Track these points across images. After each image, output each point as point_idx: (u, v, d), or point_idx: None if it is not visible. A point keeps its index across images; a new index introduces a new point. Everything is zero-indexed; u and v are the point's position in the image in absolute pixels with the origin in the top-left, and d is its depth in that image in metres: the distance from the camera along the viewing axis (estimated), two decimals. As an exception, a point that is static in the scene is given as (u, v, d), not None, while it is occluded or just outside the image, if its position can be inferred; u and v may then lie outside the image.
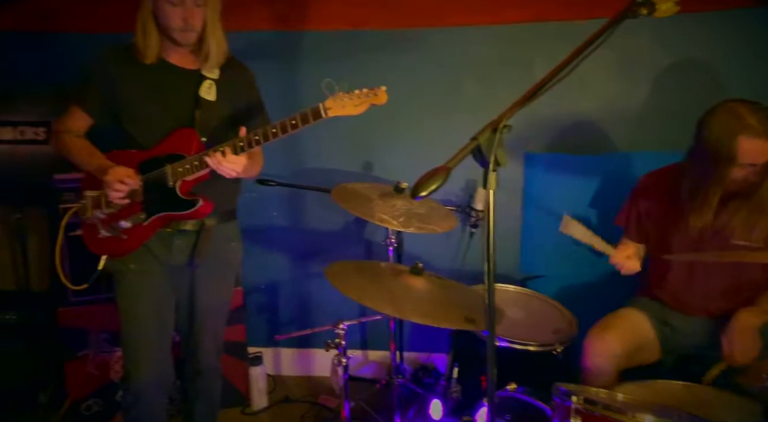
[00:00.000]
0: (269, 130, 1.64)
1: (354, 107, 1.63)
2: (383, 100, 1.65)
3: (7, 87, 2.74)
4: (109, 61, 1.76)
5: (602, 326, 1.96)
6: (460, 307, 1.73)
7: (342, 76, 1.63)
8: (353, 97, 1.62)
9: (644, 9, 1.10)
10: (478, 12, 2.51)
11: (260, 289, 2.92)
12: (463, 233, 2.67)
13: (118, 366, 2.41)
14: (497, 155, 1.11)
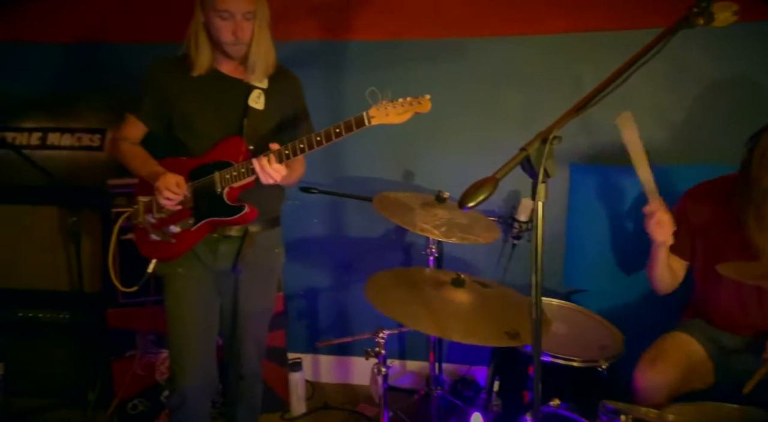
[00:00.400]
0: (313, 138, 1.66)
1: (397, 115, 1.63)
2: (427, 108, 1.64)
3: (66, 96, 2.88)
4: (162, 72, 1.82)
5: (653, 355, 1.89)
6: (502, 321, 1.70)
7: (385, 85, 1.63)
8: (397, 106, 1.63)
9: (701, 19, 1.07)
10: (521, 22, 2.50)
11: (300, 295, 2.95)
12: (506, 244, 2.64)
13: (163, 367, 2.47)
14: (546, 166, 1.09)
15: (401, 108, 1.63)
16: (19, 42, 2.84)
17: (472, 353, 2.75)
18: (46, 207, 2.66)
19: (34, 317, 2.66)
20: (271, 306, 2.07)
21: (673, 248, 2.03)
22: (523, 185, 2.52)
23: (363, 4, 2.51)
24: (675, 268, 2.04)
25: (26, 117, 2.77)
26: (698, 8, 1.06)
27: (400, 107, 1.63)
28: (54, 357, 2.67)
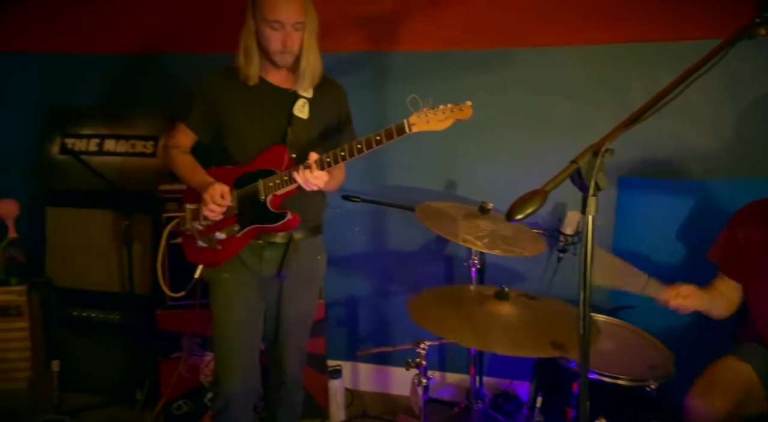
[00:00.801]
0: (354, 146, 1.67)
1: (438, 122, 1.62)
2: (468, 115, 1.62)
3: (122, 104, 3.01)
4: (213, 82, 1.87)
5: (705, 383, 1.82)
6: (547, 332, 1.67)
7: (430, 95, 1.63)
8: (438, 113, 1.61)
9: (763, 29, 1.04)
10: (569, 32, 2.46)
11: (340, 303, 2.96)
12: (550, 257, 2.59)
13: (207, 369, 2.53)
14: (597, 179, 1.07)
15: (442, 115, 1.61)
16: (79, 54, 2.98)
17: (513, 367, 2.70)
18: (102, 211, 2.78)
19: (88, 316, 2.78)
20: (313, 313, 2.10)
21: (725, 270, 1.96)
22: (569, 198, 2.48)
23: (410, 16, 2.53)
24: (728, 293, 1.97)
25: (85, 124, 2.90)
26: (761, 18, 1.03)
27: (441, 113, 1.61)
28: (105, 356, 2.78)
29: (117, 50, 2.95)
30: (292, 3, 1.71)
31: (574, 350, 1.58)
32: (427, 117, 1.61)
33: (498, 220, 2.18)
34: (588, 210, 1.09)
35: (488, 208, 2.17)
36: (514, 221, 1.06)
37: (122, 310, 2.74)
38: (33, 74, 3.04)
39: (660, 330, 2.22)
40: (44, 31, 2.90)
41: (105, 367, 2.78)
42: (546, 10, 2.44)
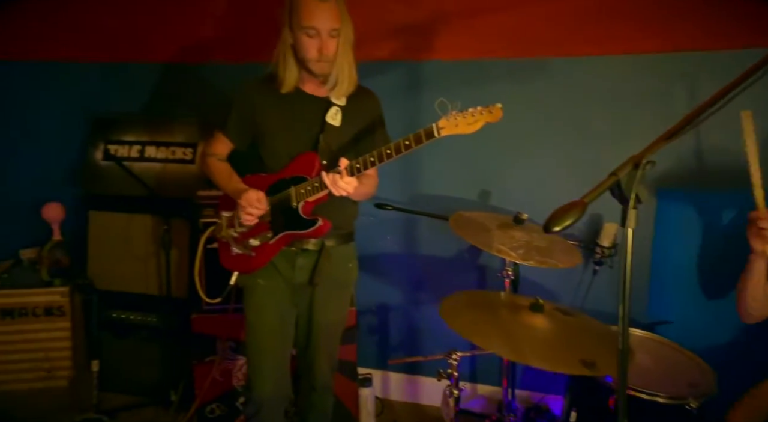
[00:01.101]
0: (383, 151, 1.67)
1: (467, 125, 1.59)
2: (498, 117, 1.59)
3: (162, 112, 3.09)
4: (248, 91, 1.90)
5: (746, 407, 1.76)
6: (579, 349, 1.64)
7: (464, 103, 1.62)
8: (467, 116, 1.59)
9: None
10: (608, 42, 2.42)
11: (372, 311, 2.97)
12: (586, 269, 2.54)
13: (240, 373, 2.56)
14: (638, 191, 1.05)
15: (471, 118, 1.59)
16: (122, 63, 3.08)
17: (546, 380, 2.66)
18: (142, 216, 2.85)
19: (126, 318, 2.85)
20: (344, 320, 2.11)
21: None
22: (605, 209, 2.43)
23: (445, 25, 2.53)
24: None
25: (128, 131, 2.99)
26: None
27: (470, 116, 1.59)
28: (142, 358, 2.84)
29: (158, 59, 3.04)
30: (327, 10, 1.73)
31: (605, 368, 1.55)
32: (456, 120, 1.59)
33: (533, 231, 2.15)
34: (628, 223, 1.07)
35: (523, 218, 2.15)
36: (552, 233, 1.04)
37: (159, 313, 2.80)
38: (78, 83, 3.15)
39: (701, 346, 2.16)
40: (89, 41, 3.01)
41: (142, 368, 2.85)
42: (584, 19, 2.40)
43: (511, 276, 2.30)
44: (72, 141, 3.15)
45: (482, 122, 1.59)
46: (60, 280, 2.93)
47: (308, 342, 2.02)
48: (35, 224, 3.05)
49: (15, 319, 2.87)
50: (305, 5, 1.72)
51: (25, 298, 2.88)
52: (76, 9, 2.83)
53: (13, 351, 2.89)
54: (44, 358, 2.91)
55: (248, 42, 2.82)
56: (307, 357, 2.04)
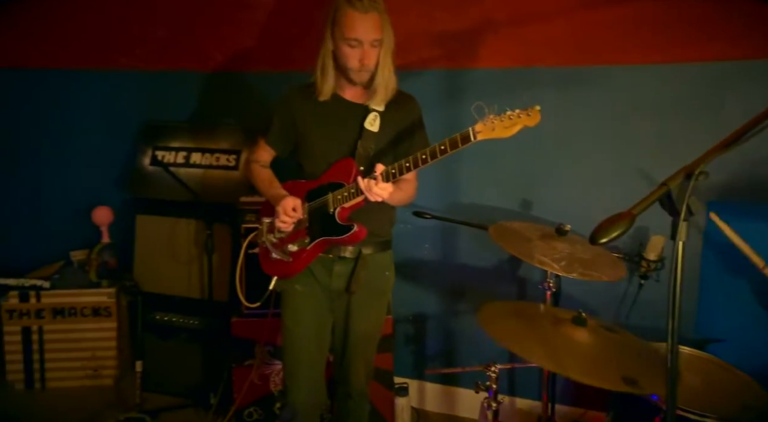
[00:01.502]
0: (419, 156, 1.65)
1: (504, 128, 1.54)
2: (536, 121, 1.53)
3: (207, 119, 3.17)
4: (289, 99, 1.93)
5: None
6: (621, 365, 1.59)
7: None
8: (504, 119, 1.54)
9: None
10: (660, 50, 2.35)
11: (408, 320, 2.95)
12: (630, 283, 2.47)
13: (277, 378, 2.58)
14: (690, 203, 1.02)
15: (509, 121, 1.53)
16: (170, 71, 3.18)
17: (588, 396, 2.58)
18: (186, 220, 2.93)
19: (169, 320, 2.92)
20: (380, 328, 2.10)
21: None
22: (652, 221, 2.35)
23: (489, 33, 2.50)
24: None
25: (174, 138, 3.08)
26: None
27: (507, 120, 1.53)
28: (184, 360, 2.90)
29: (205, 68, 3.12)
30: (370, 21, 1.74)
31: (648, 386, 1.49)
32: (492, 124, 1.54)
33: (576, 242, 2.11)
34: (679, 236, 1.04)
35: (566, 229, 2.10)
36: (599, 245, 1.02)
37: (200, 316, 2.86)
38: (131, 91, 3.27)
39: (754, 367, 2.06)
40: (142, 51, 3.12)
41: (183, 370, 2.90)
42: (631, 27, 2.35)
43: (553, 288, 2.25)
44: (122, 147, 3.26)
45: (520, 126, 1.54)
46: (107, 281, 3.03)
47: (344, 350, 2.02)
48: (86, 227, 3.17)
49: (65, 318, 2.98)
50: (348, 17, 1.73)
51: (75, 298, 2.99)
52: (129, 21, 2.94)
53: (63, 349, 3.01)
54: (91, 357, 3.01)
55: (291, 51, 2.87)
56: (344, 364, 2.04)
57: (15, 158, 3.38)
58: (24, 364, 2.99)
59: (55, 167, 3.37)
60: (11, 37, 3.14)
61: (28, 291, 2.96)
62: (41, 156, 3.38)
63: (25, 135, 3.37)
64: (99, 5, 2.85)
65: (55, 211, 3.37)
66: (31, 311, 2.96)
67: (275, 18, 2.78)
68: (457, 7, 2.47)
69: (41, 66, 3.26)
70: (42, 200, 3.40)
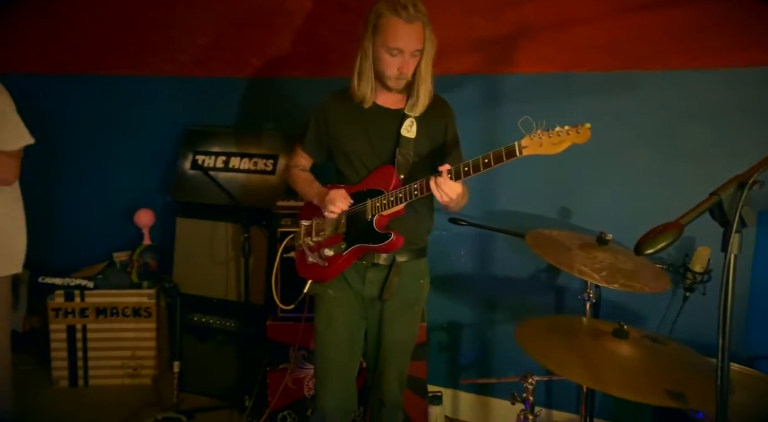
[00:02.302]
0: (461, 168, 1.63)
1: (552, 145, 1.51)
2: (586, 138, 1.50)
3: (246, 124, 3.22)
4: (326, 106, 1.95)
5: None
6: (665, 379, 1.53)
7: (547, 118, 1.56)
8: (552, 135, 1.51)
9: None
10: (706, 55, 2.28)
11: (443, 328, 2.92)
12: (675, 296, 2.38)
13: (311, 383, 2.59)
14: (743, 213, 0.97)
15: (557, 138, 1.50)
16: (211, 77, 3.24)
17: (629, 410, 2.50)
18: (224, 223, 2.97)
19: (206, 322, 2.96)
20: (415, 337, 2.08)
21: None
22: (698, 232, 2.26)
23: (529, 38, 2.47)
24: None
25: (214, 142, 3.14)
26: None
27: (556, 136, 1.51)
28: (220, 361, 2.94)
29: (242, 73, 3.17)
30: (414, 32, 1.72)
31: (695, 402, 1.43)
32: (540, 140, 1.52)
33: (617, 252, 2.04)
34: (730, 248, 0.99)
35: (607, 239, 2.04)
36: (644, 256, 0.98)
37: (237, 318, 2.90)
38: (171, 96, 3.35)
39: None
40: (180, 57, 3.19)
41: (219, 372, 2.94)
42: (674, 32, 2.27)
43: (593, 299, 2.19)
44: (165, 151, 3.35)
45: (568, 143, 1.51)
46: (148, 283, 3.10)
47: (377, 357, 2.01)
48: (128, 229, 3.26)
49: (107, 318, 3.06)
50: (392, 26, 1.72)
51: (117, 298, 3.07)
52: (171, 29, 3.01)
53: (105, 348, 3.09)
54: (131, 357, 3.09)
55: (328, 56, 2.89)
56: (376, 372, 2.03)
57: (63, 162, 3.52)
58: (68, 362, 3.09)
59: (101, 171, 3.49)
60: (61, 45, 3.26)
61: (73, 291, 3.05)
62: (88, 160, 3.50)
63: (73, 139, 3.49)
64: (144, 16, 2.93)
65: (99, 213, 3.49)
66: (76, 310, 3.05)
67: (312, 24, 2.80)
68: (494, 12, 2.44)
69: (90, 72, 3.38)
70: (88, 203, 3.52)
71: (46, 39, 3.22)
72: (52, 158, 3.49)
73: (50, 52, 3.31)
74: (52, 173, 3.51)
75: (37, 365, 3.23)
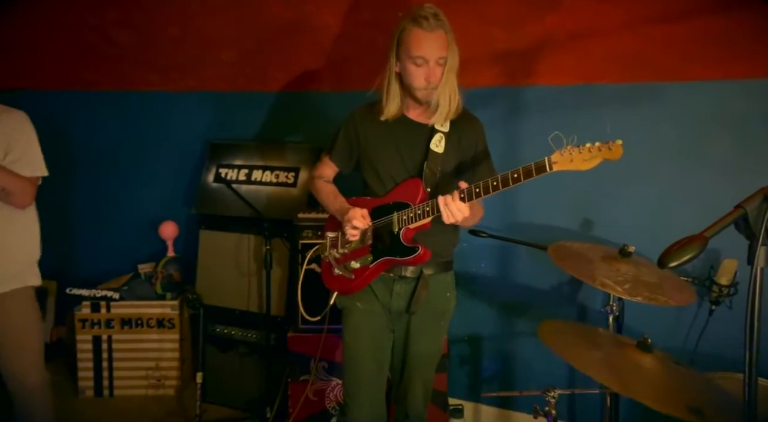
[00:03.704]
0: (490, 182, 1.64)
1: (583, 161, 1.51)
2: (618, 155, 1.49)
3: (269, 138, 3.27)
4: (356, 117, 1.98)
5: None
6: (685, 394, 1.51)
7: (570, 130, 1.56)
8: (583, 151, 1.51)
9: None
10: (728, 65, 2.25)
11: (464, 340, 2.90)
12: (700, 309, 2.34)
13: (332, 395, 2.59)
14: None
15: (588, 154, 1.51)
16: (234, 91, 3.30)
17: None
18: (246, 235, 3.00)
19: (229, 333, 2.99)
20: (440, 350, 2.08)
21: None
22: (724, 244, 2.22)
23: (550, 49, 2.47)
24: None
25: (237, 155, 3.19)
26: None
27: (587, 152, 1.51)
28: (242, 373, 2.96)
29: (267, 88, 3.22)
30: (436, 39, 1.76)
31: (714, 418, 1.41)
32: (571, 155, 1.52)
33: (641, 265, 2.02)
34: (756, 261, 0.98)
35: (630, 251, 2.02)
36: (668, 269, 0.97)
37: (259, 330, 2.92)
38: (195, 110, 3.41)
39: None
40: (206, 72, 3.26)
41: (241, 383, 2.96)
42: (695, 42, 2.25)
43: (616, 312, 2.17)
44: (189, 165, 3.41)
45: (599, 159, 1.51)
46: (171, 294, 3.15)
47: (403, 370, 2.01)
48: (153, 241, 3.32)
49: (132, 329, 3.11)
50: (414, 36, 1.76)
51: (141, 309, 3.12)
52: (198, 46, 3.08)
53: (130, 358, 3.14)
54: (155, 367, 3.13)
55: (351, 71, 2.93)
56: (402, 385, 2.03)
57: (91, 176, 3.60)
58: (94, 372, 3.14)
59: (127, 184, 3.56)
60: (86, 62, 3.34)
61: (99, 302, 3.11)
62: (114, 173, 3.58)
63: (101, 154, 3.57)
64: (169, 32, 3.00)
65: (125, 226, 3.56)
66: (102, 321, 3.11)
67: (334, 39, 2.84)
68: (515, 24, 2.45)
69: (117, 88, 3.47)
70: (114, 216, 3.58)
71: (71, 56, 3.31)
72: (82, 172, 3.58)
73: (77, 68, 3.39)
74: (80, 187, 3.60)
75: (64, 375, 3.29)
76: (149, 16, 2.96)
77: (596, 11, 2.29)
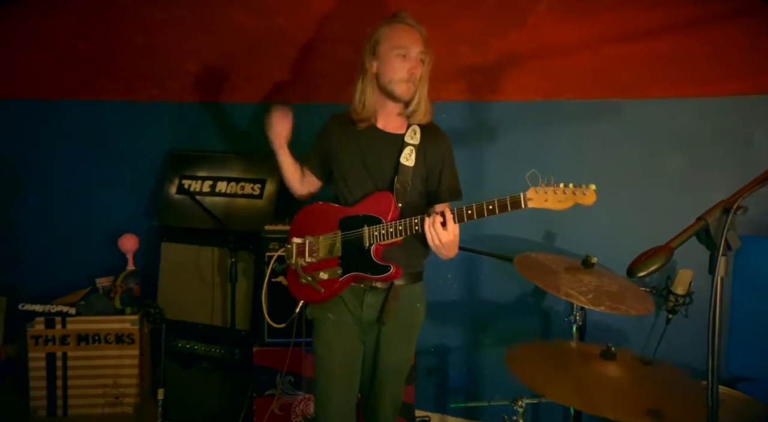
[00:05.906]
0: (465, 211, 1.66)
1: (557, 202, 1.56)
2: (591, 201, 1.55)
3: (234, 149, 3.22)
4: (333, 125, 2.00)
5: None
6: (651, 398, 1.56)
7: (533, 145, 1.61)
8: (558, 192, 1.55)
9: None
10: (684, 84, 2.37)
11: (430, 351, 2.92)
12: (658, 318, 2.43)
13: (299, 409, 2.55)
14: (728, 237, 1.01)
15: (562, 196, 1.55)
16: (198, 102, 3.25)
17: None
18: (210, 248, 2.95)
19: (191, 348, 2.92)
20: (409, 362, 2.08)
21: None
22: (680, 255, 2.32)
23: (512, 67, 2.53)
24: None
25: (201, 167, 3.13)
26: None
27: (561, 193, 1.55)
28: (205, 388, 2.88)
29: (232, 99, 3.19)
30: (416, 35, 1.84)
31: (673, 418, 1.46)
32: (545, 195, 1.56)
33: (602, 275, 2.09)
34: (717, 271, 1.03)
35: (593, 262, 2.08)
36: (636, 278, 1.01)
37: (222, 344, 2.86)
38: (158, 121, 3.35)
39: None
40: (169, 82, 3.20)
41: (204, 399, 2.89)
42: (655, 61, 2.36)
43: (579, 322, 2.22)
44: (149, 176, 3.33)
45: (572, 202, 1.56)
46: (131, 308, 3.05)
47: (372, 382, 2.00)
48: (112, 254, 3.22)
49: (89, 345, 2.99)
50: (398, 29, 1.84)
51: (99, 325, 3.00)
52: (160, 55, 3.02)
53: (86, 376, 3.00)
54: (113, 384, 3.01)
55: (318, 83, 2.93)
56: (371, 397, 2.02)
57: (46, 186, 3.47)
58: (47, 391, 3.00)
59: (85, 195, 3.45)
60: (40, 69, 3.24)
61: (54, 317, 2.98)
62: (72, 184, 3.46)
63: (57, 164, 3.46)
64: (132, 42, 2.95)
65: (82, 238, 3.43)
66: (57, 337, 2.98)
67: (303, 53, 2.84)
68: (480, 42, 2.50)
69: (75, 97, 3.37)
70: (70, 228, 3.46)
71: (31, 65, 3.20)
72: (36, 183, 3.45)
73: (37, 78, 3.29)
74: (36, 198, 3.46)
75: (14, 394, 3.13)
76: (111, 26, 2.89)
77: (558, 30, 2.36)
